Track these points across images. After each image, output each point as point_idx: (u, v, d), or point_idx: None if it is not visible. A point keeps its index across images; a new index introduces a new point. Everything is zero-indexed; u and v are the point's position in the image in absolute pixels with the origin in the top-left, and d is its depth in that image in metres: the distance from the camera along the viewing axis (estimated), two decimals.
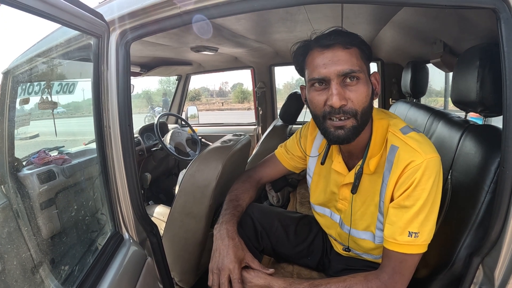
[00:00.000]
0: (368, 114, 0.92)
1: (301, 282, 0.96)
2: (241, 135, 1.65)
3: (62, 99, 1.56)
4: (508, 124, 0.75)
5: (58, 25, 0.87)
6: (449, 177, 1.11)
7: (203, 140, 3.24)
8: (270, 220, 1.23)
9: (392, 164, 0.91)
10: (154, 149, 2.81)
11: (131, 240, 1.05)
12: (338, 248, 1.22)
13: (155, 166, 2.94)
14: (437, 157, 0.87)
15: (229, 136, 1.61)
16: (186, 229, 1.43)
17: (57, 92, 1.47)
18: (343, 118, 0.88)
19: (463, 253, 0.94)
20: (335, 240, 1.20)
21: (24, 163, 1.29)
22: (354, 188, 1.00)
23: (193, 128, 3.21)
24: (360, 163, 0.99)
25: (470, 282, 0.90)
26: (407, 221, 0.87)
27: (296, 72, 1.04)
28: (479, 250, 0.86)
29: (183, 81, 3.57)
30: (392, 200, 0.92)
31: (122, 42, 0.98)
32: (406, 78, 2.05)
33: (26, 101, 1.34)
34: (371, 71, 0.96)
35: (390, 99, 2.75)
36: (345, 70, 0.85)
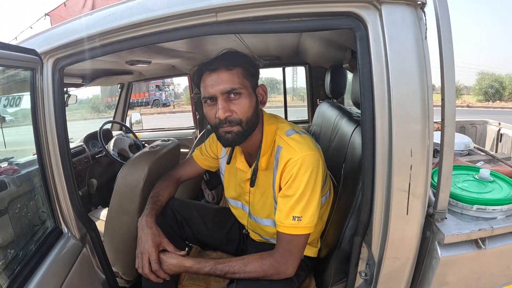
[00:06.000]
0: (253, 121, 1.08)
1: (207, 261, 1.11)
2: (169, 140, 1.74)
3: (10, 110, 1.68)
4: (364, 124, 0.89)
5: None
6: (342, 169, 1.28)
7: (146, 145, 3.24)
8: (189, 211, 1.40)
9: (278, 161, 1.09)
10: (98, 156, 2.83)
11: (69, 234, 1.20)
12: (253, 235, 1.37)
13: (101, 172, 2.96)
14: (313, 154, 1.04)
15: (158, 142, 1.70)
16: (122, 225, 1.53)
17: (5, 106, 1.60)
18: (229, 126, 1.05)
19: (347, 233, 1.10)
20: (249, 228, 1.36)
21: None
22: (252, 182, 1.19)
23: (136, 134, 3.22)
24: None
25: (357, 258, 1.06)
26: (290, 207, 1.03)
27: None
28: (357, 230, 1.02)
29: (125, 89, 3.53)
30: (280, 190, 1.09)
31: (56, 68, 1.06)
32: (327, 81, 2.25)
33: None
34: (259, 83, 1.14)
35: (318, 99, 2.96)
36: (227, 88, 1.02)
